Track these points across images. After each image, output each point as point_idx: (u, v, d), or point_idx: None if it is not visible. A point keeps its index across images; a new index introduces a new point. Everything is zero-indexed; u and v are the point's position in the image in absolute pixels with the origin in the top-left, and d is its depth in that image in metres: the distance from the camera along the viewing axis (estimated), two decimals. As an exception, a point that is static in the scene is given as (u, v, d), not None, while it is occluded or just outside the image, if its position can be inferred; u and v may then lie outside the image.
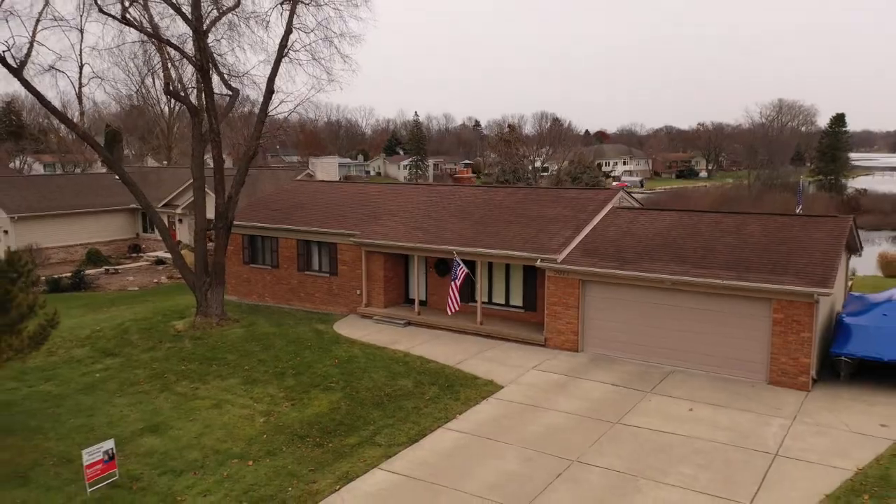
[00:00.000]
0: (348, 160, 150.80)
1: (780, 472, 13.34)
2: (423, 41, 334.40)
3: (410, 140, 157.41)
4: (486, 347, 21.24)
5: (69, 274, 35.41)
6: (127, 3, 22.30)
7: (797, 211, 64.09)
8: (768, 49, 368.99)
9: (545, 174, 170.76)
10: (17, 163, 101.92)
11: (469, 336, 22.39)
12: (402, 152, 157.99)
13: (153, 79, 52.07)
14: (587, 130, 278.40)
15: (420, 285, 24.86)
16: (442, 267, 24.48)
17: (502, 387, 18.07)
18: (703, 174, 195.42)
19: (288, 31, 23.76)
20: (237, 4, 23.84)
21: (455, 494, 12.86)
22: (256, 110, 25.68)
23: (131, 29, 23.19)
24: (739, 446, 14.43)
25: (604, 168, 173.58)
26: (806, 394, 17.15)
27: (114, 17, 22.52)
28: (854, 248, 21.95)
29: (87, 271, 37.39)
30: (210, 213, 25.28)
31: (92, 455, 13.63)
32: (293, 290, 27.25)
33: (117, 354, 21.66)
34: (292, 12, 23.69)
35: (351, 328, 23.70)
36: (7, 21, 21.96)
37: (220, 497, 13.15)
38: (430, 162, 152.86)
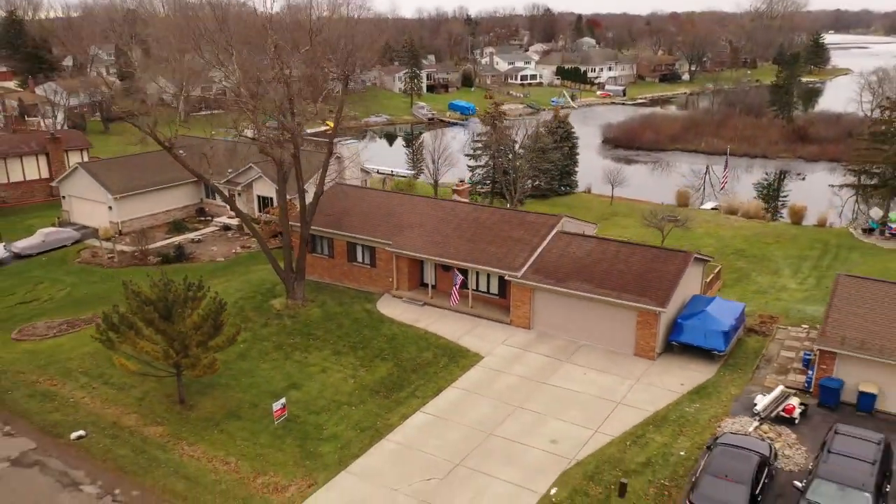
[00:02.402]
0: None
1: (617, 413, 27.10)
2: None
3: (405, 47, 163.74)
4: (475, 326, 34.64)
5: (166, 243, 48.03)
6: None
7: (722, 183, 76.14)
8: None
9: (534, 81, 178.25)
10: (45, 90, 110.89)
11: (464, 315, 35.70)
12: (396, 63, 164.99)
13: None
14: (580, 16, 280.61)
15: (431, 277, 37.95)
16: (445, 266, 37.38)
17: (484, 357, 31.61)
18: (686, 77, 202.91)
19: None
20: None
21: (457, 425, 26.58)
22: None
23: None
24: (603, 398, 28.14)
25: (590, 75, 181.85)
26: (652, 362, 30.77)
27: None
28: (706, 260, 35.03)
29: (177, 238, 50.04)
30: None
31: (276, 405, 27.17)
32: (344, 274, 40.28)
33: (246, 329, 34.81)
34: None
35: (388, 307, 36.95)
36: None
37: (343, 427, 26.83)
38: (424, 73, 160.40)
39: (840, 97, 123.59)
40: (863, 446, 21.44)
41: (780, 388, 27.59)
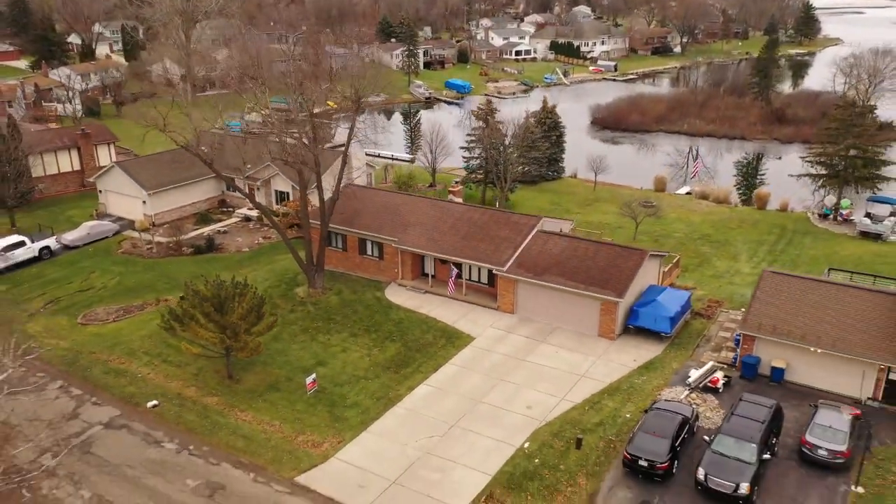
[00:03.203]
0: (343, 50, 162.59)
1: (580, 384, 34.02)
2: None
3: (402, 24, 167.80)
4: (468, 311, 41.39)
5: (196, 234, 54.49)
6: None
7: (693, 173, 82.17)
8: None
9: (528, 56, 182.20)
10: (58, 74, 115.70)
11: (459, 302, 42.42)
12: (394, 40, 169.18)
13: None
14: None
15: (431, 268, 44.61)
16: (443, 260, 43.97)
17: (474, 338, 38.43)
18: (678, 49, 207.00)
19: None
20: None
21: (453, 394, 33.50)
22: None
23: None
24: (570, 372, 35.04)
25: (583, 49, 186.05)
26: (612, 342, 37.62)
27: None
28: (662, 255, 41.68)
29: (205, 230, 56.49)
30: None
31: (308, 379, 34.02)
32: (356, 265, 46.89)
33: (275, 314, 41.45)
34: None
35: (395, 295, 43.65)
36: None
37: (362, 396, 33.73)
38: (421, 50, 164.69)
39: (824, 74, 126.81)
40: (758, 410, 28.37)
41: (711, 363, 34.52)
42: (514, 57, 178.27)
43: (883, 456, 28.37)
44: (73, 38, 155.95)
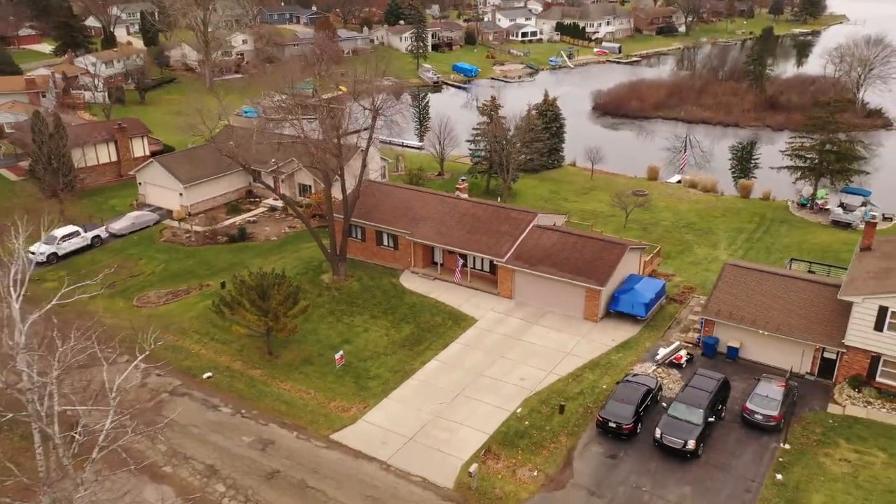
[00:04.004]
0: (354, 34, 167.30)
1: (566, 360, 40.32)
2: None
3: (410, 5, 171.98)
4: (471, 296, 47.62)
5: (228, 223, 60.75)
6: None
7: (681, 164, 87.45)
8: None
9: (535, 38, 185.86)
10: (84, 62, 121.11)
11: (464, 288, 48.63)
12: (402, 22, 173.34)
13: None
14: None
15: (440, 258, 50.77)
16: (450, 250, 50.07)
17: (477, 320, 44.69)
18: (682, 29, 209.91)
19: None
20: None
21: (458, 368, 39.89)
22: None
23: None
24: (558, 349, 41.32)
25: (588, 30, 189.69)
26: (595, 324, 43.82)
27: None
28: (640, 248, 47.75)
29: (237, 219, 62.67)
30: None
31: (337, 354, 40.45)
32: (373, 254, 53.10)
33: (305, 299, 47.67)
34: None
35: (408, 281, 49.88)
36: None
37: (383, 370, 40.15)
38: (429, 32, 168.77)
39: (824, 55, 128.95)
40: (708, 382, 34.59)
41: (677, 343, 40.73)
42: (520, 39, 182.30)
43: (810, 420, 34.61)
44: (91, 22, 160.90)
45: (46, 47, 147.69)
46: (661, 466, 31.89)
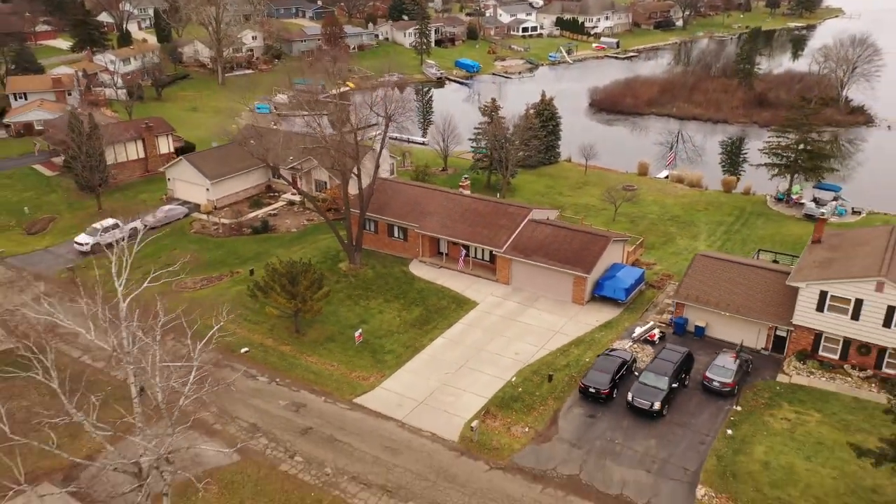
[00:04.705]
0: (359, 29, 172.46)
1: (555, 338, 46.44)
2: None
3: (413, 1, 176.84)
4: (473, 282, 53.69)
5: (252, 216, 66.76)
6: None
7: (669, 161, 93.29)
8: None
9: (535, 33, 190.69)
10: (102, 59, 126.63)
11: (466, 275, 54.68)
12: (406, 17, 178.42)
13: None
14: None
15: (445, 248, 56.82)
16: (454, 241, 56.05)
17: (478, 303, 50.79)
18: (680, 23, 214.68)
19: None
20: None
21: (461, 345, 46.04)
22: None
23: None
24: (548, 329, 47.43)
25: (587, 25, 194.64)
26: (582, 307, 49.89)
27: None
28: (624, 240, 53.73)
29: (259, 212, 68.65)
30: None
31: (356, 333, 46.57)
32: (385, 244, 59.16)
33: (325, 285, 53.72)
34: None
35: (417, 269, 55.94)
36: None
37: (397, 346, 46.30)
38: (432, 27, 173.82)
39: (816, 51, 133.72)
40: (673, 354, 40.68)
41: (652, 322, 46.80)
42: (520, 34, 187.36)
43: (760, 387, 40.74)
44: (104, 17, 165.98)
45: (63, 43, 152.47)
46: (632, 424, 38.06)
